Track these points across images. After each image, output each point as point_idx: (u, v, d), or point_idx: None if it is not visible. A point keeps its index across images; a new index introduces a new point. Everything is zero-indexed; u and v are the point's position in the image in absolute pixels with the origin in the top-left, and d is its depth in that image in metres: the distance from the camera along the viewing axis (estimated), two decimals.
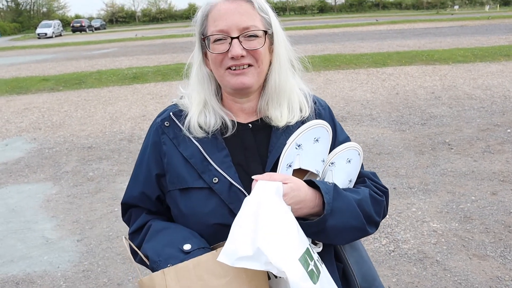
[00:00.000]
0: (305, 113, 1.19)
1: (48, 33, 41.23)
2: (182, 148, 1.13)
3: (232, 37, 1.05)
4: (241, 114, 1.18)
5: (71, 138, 6.69)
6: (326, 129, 1.14)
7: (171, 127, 1.16)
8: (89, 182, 4.95)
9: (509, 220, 3.59)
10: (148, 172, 1.17)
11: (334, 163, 1.15)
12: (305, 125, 1.12)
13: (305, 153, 1.10)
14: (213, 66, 1.11)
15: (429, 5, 72.84)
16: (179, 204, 1.12)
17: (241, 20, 1.05)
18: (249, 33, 1.06)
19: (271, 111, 1.15)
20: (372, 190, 1.17)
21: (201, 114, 1.14)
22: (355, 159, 1.18)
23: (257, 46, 1.07)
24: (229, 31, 1.05)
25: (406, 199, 4.08)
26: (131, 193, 1.20)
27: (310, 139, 1.11)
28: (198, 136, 1.13)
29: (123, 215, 1.26)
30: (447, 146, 5.47)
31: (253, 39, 1.07)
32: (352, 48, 16.01)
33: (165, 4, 78.32)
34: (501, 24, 25.62)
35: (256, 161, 1.13)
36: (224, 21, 1.05)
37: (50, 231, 3.85)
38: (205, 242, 1.06)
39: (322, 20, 45.13)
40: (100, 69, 13.63)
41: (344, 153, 1.16)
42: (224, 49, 1.06)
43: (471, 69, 10.92)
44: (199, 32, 1.12)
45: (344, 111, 7.44)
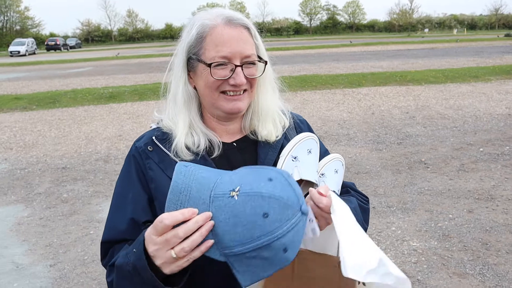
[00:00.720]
0: (286, 125, 1.22)
1: (21, 51, 40.47)
2: (169, 172, 1.07)
3: (236, 65, 1.06)
4: (225, 134, 1.16)
5: (44, 159, 6.50)
6: (316, 140, 1.18)
7: (155, 151, 1.11)
8: (63, 204, 4.79)
9: (486, 237, 3.65)
10: (137, 198, 1.09)
11: (324, 174, 1.18)
12: (296, 138, 1.14)
13: (302, 164, 1.11)
14: (207, 90, 1.09)
15: (400, 28, 75.50)
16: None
17: (244, 48, 1.06)
18: (249, 61, 1.08)
19: (261, 130, 1.17)
20: (357, 198, 1.21)
21: (188, 135, 1.11)
22: (340, 170, 1.22)
23: (255, 74, 1.09)
24: (232, 58, 1.05)
25: (386, 218, 4.10)
26: (115, 227, 1.09)
27: (304, 150, 1.13)
28: (186, 159, 1.08)
29: (103, 257, 1.11)
30: (423, 165, 5.58)
31: (252, 67, 1.09)
32: (328, 69, 16.32)
33: (142, 24, 78.43)
34: (469, 47, 26.71)
35: None
36: (229, 47, 1.05)
37: (21, 256, 3.68)
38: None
39: (298, 42, 46.02)
40: (75, 88, 13.41)
41: (331, 164, 1.20)
42: (225, 75, 1.06)
43: (442, 89, 11.28)
44: (189, 51, 1.09)
45: (322, 130, 7.51)
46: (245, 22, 1.09)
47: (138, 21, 78.28)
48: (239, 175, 0.87)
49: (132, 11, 78.28)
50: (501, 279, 3.04)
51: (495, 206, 4.26)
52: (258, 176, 0.85)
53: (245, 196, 0.81)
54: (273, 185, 0.83)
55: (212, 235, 0.84)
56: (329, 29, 79.10)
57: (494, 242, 3.56)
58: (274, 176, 0.85)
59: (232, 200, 0.82)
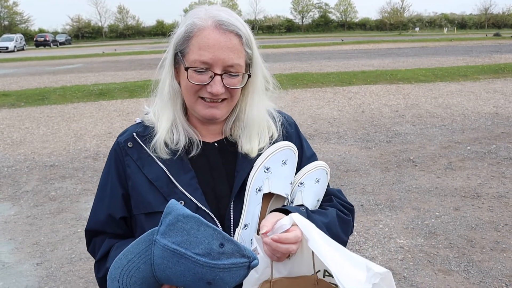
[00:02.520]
0: (274, 135, 1.17)
1: (9, 47, 39.94)
2: (146, 170, 1.09)
3: (216, 73, 1.02)
4: (207, 134, 1.16)
5: (32, 156, 6.44)
6: (293, 151, 1.13)
7: (134, 148, 1.12)
8: (51, 202, 4.75)
9: (471, 235, 3.70)
10: (114, 193, 1.12)
11: (303, 183, 1.14)
12: (272, 148, 1.10)
13: (274, 176, 1.08)
14: (186, 92, 1.08)
15: (392, 27, 75.85)
16: (145, 229, 1.06)
17: (228, 56, 1.01)
18: (231, 71, 1.03)
19: (244, 143, 1.13)
20: (339, 209, 1.17)
21: (169, 132, 1.11)
22: (323, 179, 1.18)
23: (236, 85, 1.05)
24: (213, 65, 1.02)
25: (374, 216, 4.14)
26: (96, 217, 1.14)
27: (278, 161, 1.09)
28: (163, 157, 1.09)
29: (88, 244, 1.18)
30: (412, 163, 5.63)
31: (234, 78, 1.05)
32: (319, 67, 16.36)
33: (133, 21, 77.88)
34: (459, 46, 26.93)
35: (223, 182, 1.11)
36: (211, 53, 1.01)
37: (7, 255, 3.65)
38: None
39: (290, 39, 46.04)
40: (64, 85, 13.29)
41: (313, 173, 1.16)
42: (203, 81, 1.03)
43: (432, 88, 11.37)
44: (177, 48, 1.08)
45: (312, 128, 7.54)
46: (237, 29, 1.03)
47: (129, 17, 77.76)
48: (174, 275, 0.86)
49: (123, 7, 77.71)
50: (485, 276, 3.09)
51: (481, 204, 4.32)
52: (195, 281, 0.85)
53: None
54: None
55: None
56: (321, 27, 79.22)
57: (479, 240, 3.61)
58: (209, 278, 0.85)
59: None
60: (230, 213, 1.08)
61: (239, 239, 1.03)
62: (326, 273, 1.04)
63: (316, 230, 0.97)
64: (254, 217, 1.04)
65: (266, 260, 0.99)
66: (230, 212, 1.07)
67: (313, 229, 0.97)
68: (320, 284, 1.03)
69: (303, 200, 1.12)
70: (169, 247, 0.84)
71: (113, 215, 1.11)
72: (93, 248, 1.16)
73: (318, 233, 0.97)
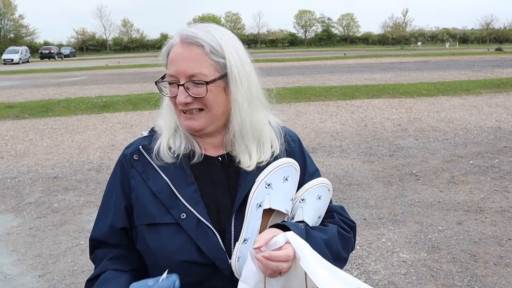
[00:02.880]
0: (276, 150, 1.17)
1: (14, 59, 40.38)
2: (151, 182, 1.11)
3: (179, 84, 1.07)
4: (209, 147, 1.17)
5: (35, 168, 6.47)
6: (295, 167, 1.14)
7: (140, 160, 1.14)
8: (54, 213, 4.76)
9: (475, 249, 3.68)
10: (117, 204, 1.14)
11: (305, 199, 1.14)
12: (274, 164, 1.11)
13: (275, 192, 1.08)
14: (173, 106, 1.14)
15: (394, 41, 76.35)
16: (147, 240, 1.09)
17: (188, 66, 1.05)
18: (195, 80, 1.06)
19: (239, 155, 1.14)
20: (340, 226, 1.17)
21: (171, 138, 1.15)
22: (325, 196, 1.18)
23: (202, 93, 1.06)
24: (178, 77, 1.07)
25: (376, 230, 4.13)
26: (99, 227, 1.16)
27: (280, 178, 1.10)
28: (167, 162, 1.12)
29: (90, 253, 1.20)
30: (414, 177, 5.62)
31: (200, 86, 1.06)
32: (322, 81, 16.45)
33: (137, 34, 78.66)
34: (461, 60, 27.06)
35: (225, 196, 1.12)
36: (175, 66, 1.06)
37: (9, 266, 3.65)
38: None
39: (293, 53, 46.37)
40: (68, 97, 13.40)
41: (314, 190, 1.16)
42: (174, 93, 1.09)
43: (434, 102, 11.40)
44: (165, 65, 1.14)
45: (315, 142, 7.56)
46: (199, 40, 1.05)
47: (133, 30, 78.52)
48: None
49: (127, 21, 78.56)
50: None
51: (484, 218, 4.30)
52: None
53: None
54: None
55: None
56: (323, 41, 79.83)
57: (482, 254, 3.59)
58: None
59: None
60: (231, 226, 1.08)
61: (239, 253, 1.04)
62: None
63: (309, 250, 0.97)
64: (254, 232, 1.05)
65: (259, 275, 0.99)
66: (231, 226, 1.08)
67: (306, 248, 0.97)
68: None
69: (303, 217, 1.12)
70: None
71: (114, 225, 1.13)
72: (93, 259, 1.18)
73: (311, 253, 0.97)
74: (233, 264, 1.04)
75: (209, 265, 1.05)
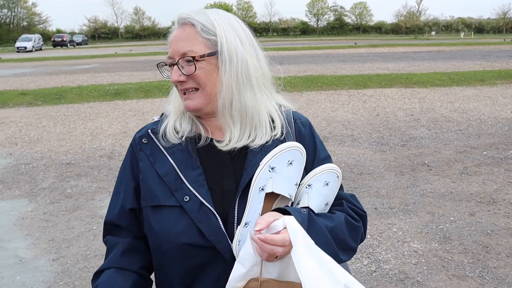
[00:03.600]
0: (278, 132, 1.15)
1: (28, 47, 40.67)
2: (157, 165, 1.13)
3: (174, 64, 1.10)
4: (215, 130, 1.17)
5: (49, 154, 6.55)
6: (301, 151, 1.11)
7: (148, 144, 1.17)
8: (67, 199, 4.83)
9: (487, 240, 3.65)
10: (127, 186, 1.17)
11: (311, 185, 1.12)
12: (279, 147, 1.09)
13: (279, 176, 1.07)
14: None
15: (407, 30, 75.23)
16: (151, 222, 1.11)
17: (180, 45, 1.08)
18: (186, 58, 1.08)
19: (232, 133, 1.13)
20: (348, 214, 1.14)
21: (177, 120, 1.17)
22: (333, 182, 1.15)
23: (192, 71, 1.08)
24: (174, 57, 1.10)
25: (387, 219, 4.11)
26: (112, 210, 1.19)
27: (284, 162, 1.08)
28: (173, 143, 1.14)
29: (104, 236, 1.22)
30: (426, 167, 5.57)
31: (191, 64, 1.08)
32: (334, 70, 16.31)
33: (149, 21, 78.64)
34: (476, 50, 26.58)
35: (230, 179, 1.12)
36: (171, 47, 1.10)
37: (24, 250, 3.72)
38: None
39: (304, 42, 45.97)
40: (81, 85, 13.49)
41: (322, 175, 1.13)
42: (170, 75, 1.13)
43: (448, 92, 11.24)
44: None
45: (326, 131, 7.52)
46: (190, 20, 1.09)
47: (145, 18, 78.54)
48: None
49: (139, 9, 78.52)
50: (500, 282, 3.04)
51: (497, 209, 4.26)
52: None
53: None
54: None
55: None
56: (336, 30, 78.96)
57: (494, 246, 3.56)
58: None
59: None
60: (234, 210, 1.08)
61: (240, 237, 1.03)
62: None
63: (303, 238, 0.95)
64: (255, 215, 1.04)
65: (256, 258, 0.98)
66: (235, 210, 1.08)
67: (301, 237, 0.95)
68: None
69: (308, 203, 1.09)
70: None
71: (124, 206, 1.16)
72: (106, 243, 1.21)
73: (303, 242, 0.95)
74: (234, 247, 1.04)
75: (210, 248, 1.05)
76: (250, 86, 1.12)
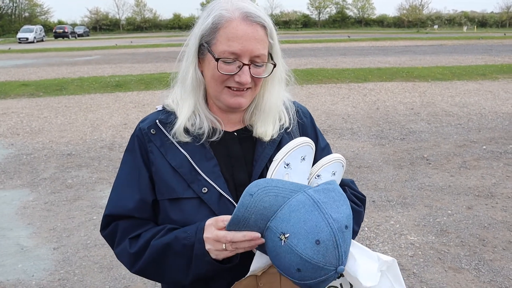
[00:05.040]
0: (286, 123, 1.20)
1: (29, 38, 40.57)
2: (170, 157, 1.11)
3: (244, 63, 1.05)
4: (227, 123, 1.18)
5: (50, 145, 6.58)
6: (311, 146, 1.15)
7: (157, 135, 1.14)
8: (68, 189, 4.87)
9: (484, 234, 3.68)
10: (143, 177, 1.13)
11: (320, 176, 1.15)
12: (292, 143, 1.11)
13: (294, 172, 1.10)
14: (212, 82, 1.10)
15: (410, 24, 74.81)
16: (170, 214, 1.10)
17: (255, 47, 1.05)
18: (258, 61, 1.07)
19: (259, 127, 1.16)
20: (351, 200, 1.20)
21: (190, 118, 1.13)
22: (339, 171, 1.20)
23: (262, 74, 1.09)
24: (242, 55, 1.05)
25: (385, 212, 4.14)
26: (123, 204, 1.12)
27: (298, 157, 1.11)
28: (184, 141, 1.12)
29: (104, 228, 1.16)
30: (425, 161, 5.59)
31: (260, 67, 1.08)
32: (335, 63, 16.27)
33: (150, 14, 78.27)
34: (478, 45, 26.47)
35: (243, 171, 1.14)
36: (240, 44, 1.04)
37: (26, 239, 3.76)
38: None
39: (306, 35, 45.79)
40: (82, 76, 13.49)
41: (330, 166, 1.17)
42: (232, 71, 1.05)
43: (449, 86, 11.23)
44: (202, 38, 1.09)
45: (326, 124, 7.54)
46: (263, 20, 1.07)
47: (146, 10, 78.08)
48: (295, 219, 0.93)
49: (141, 1, 78.09)
50: (495, 275, 3.08)
51: (494, 203, 4.29)
52: (308, 234, 0.91)
53: (288, 247, 0.92)
54: (317, 250, 0.90)
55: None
56: (337, 23, 78.50)
57: (491, 239, 3.59)
58: (323, 239, 0.90)
59: (279, 242, 0.94)
60: None
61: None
62: None
63: None
64: None
65: None
66: None
67: None
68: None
69: None
70: (314, 197, 0.94)
71: (145, 199, 1.12)
72: (113, 232, 1.14)
73: None
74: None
75: None
76: (280, 83, 1.19)
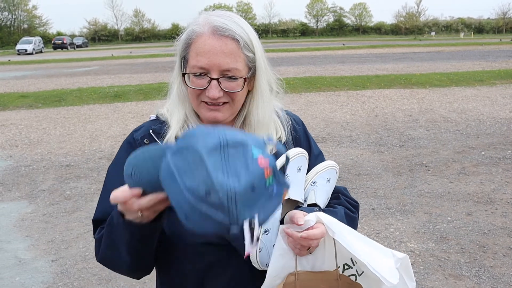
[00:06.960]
0: (283, 137, 1.19)
1: (28, 50, 40.73)
2: None
3: (212, 78, 1.04)
4: None
5: (48, 156, 6.57)
6: (305, 157, 1.16)
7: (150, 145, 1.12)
8: (66, 201, 4.85)
9: (484, 240, 3.66)
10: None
11: (316, 182, 1.17)
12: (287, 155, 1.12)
13: (291, 183, 1.10)
14: (190, 96, 1.11)
15: (407, 31, 75.26)
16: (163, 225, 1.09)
17: (223, 61, 1.03)
18: (229, 75, 1.04)
19: None
20: (346, 207, 1.20)
21: (182, 128, 1.14)
22: (333, 178, 1.21)
23: (236, 88, 1.06)
24: (210, 70, 1.04)
25: (385, 220, 4.13)
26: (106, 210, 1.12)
27: (294, 168, 1.12)
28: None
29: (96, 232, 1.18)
30: (424, 167, 5.59)
31: (233, 81, 1.05)
32: (333, 71, 16.33)
33: (149, 24, 78.70)
34: (475, 51, 26.61)
35: None
36: (207, 58, 1.03)
37: (23, 251, 3.74)
38: None
39: (304, 43, 46.02)
40: (81, 87, 13.52)
41: (324, 173, 1.19)
42: (202, 85, 1.06)
43: (447, 93, 11.26)
44: (181, 54, 1.11)
45: (324, 132, 7.54)
46: (233, 33, 1.04)
47: (144, 20, 78.55)
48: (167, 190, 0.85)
49: (139, 11, 78.60)
50: (496, 281, 3.06)
51: (494, 209, 4.28)
52: (178, 210, 0.83)
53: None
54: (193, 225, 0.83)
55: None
56: (335, 31, 79.00)
57: (491, 245, 3.57)
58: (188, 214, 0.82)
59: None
60: None
61: (261, 244, 1.05)
62: (345, 267, 1.09)
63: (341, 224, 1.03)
64: (275, 222, 1.06)
65: (291, 252, 1.03)
66: None
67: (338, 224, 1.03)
68: (341, 279, 1.08)
69: (316, 199, 1.14)
70: (170, 166, 0.84)
71: None
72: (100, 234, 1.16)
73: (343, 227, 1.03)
74: (255, 255, 1.06)
75: (225, 246, 1.06)
76: (269, 96, 1.16)
